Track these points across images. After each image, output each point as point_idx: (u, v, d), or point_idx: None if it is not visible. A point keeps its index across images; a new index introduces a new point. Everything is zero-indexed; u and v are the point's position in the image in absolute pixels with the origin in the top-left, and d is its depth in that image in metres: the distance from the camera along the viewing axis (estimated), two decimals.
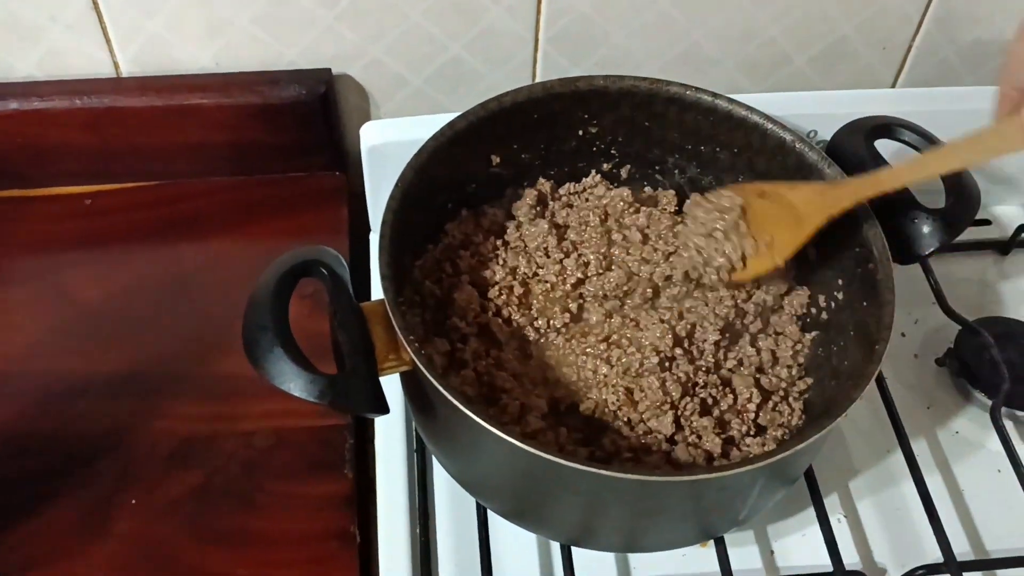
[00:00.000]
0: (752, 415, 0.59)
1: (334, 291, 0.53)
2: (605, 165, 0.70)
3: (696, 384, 0.60)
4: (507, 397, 0.58)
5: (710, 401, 0.59)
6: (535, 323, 0.64)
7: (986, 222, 0.82)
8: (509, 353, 0.61)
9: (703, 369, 0.61)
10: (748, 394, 0.59)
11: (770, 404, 0.60)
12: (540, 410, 0.58)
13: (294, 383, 0.49)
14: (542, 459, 0.48)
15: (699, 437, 0.57)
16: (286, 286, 0.52)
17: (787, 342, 0.64)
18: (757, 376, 0.62)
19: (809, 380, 0.63)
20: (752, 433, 0.59)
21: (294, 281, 0.53)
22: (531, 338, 0.63)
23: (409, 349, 0.52)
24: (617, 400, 0.58)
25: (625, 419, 0.58)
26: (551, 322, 0.64)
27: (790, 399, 0.61)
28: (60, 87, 0.74)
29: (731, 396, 0.60)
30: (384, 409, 0.51)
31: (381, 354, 0.53)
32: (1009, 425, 0.69)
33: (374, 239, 0.78)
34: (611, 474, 0.48)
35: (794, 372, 0.63)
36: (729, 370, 0.62)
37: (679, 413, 0.58)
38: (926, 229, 0.60)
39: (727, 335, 0.63)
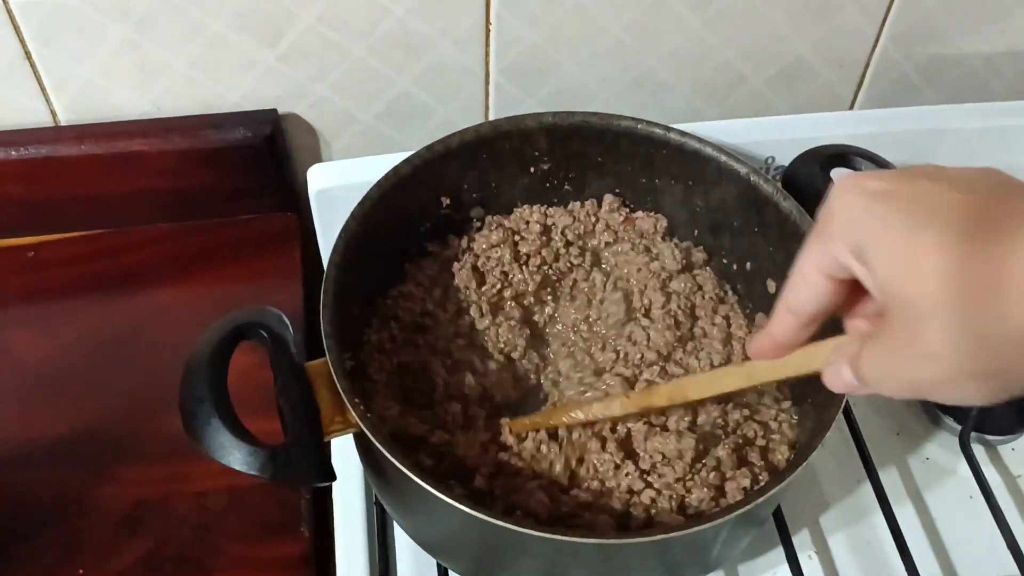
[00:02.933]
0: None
1: (275, 355, 0.51)
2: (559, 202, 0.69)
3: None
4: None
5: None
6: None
7: None
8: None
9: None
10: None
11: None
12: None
13: (233, 456, 0.47)
14: (495, 526, 0.46)
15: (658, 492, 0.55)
16: (223, 353, 0.50)
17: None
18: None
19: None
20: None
21: (232, 346, 0.51)
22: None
23: (355, 414, 0.50)
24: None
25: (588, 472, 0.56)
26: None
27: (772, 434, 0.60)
28: None
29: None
30: (329, 478, 0.49)
31: (327, 417, 0.51)
32: (979, 450, 0.68)
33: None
34: (567, 539, 0.46)
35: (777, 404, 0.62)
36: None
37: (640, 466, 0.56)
38: None
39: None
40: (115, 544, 0.61)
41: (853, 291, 0.41)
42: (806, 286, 0.41)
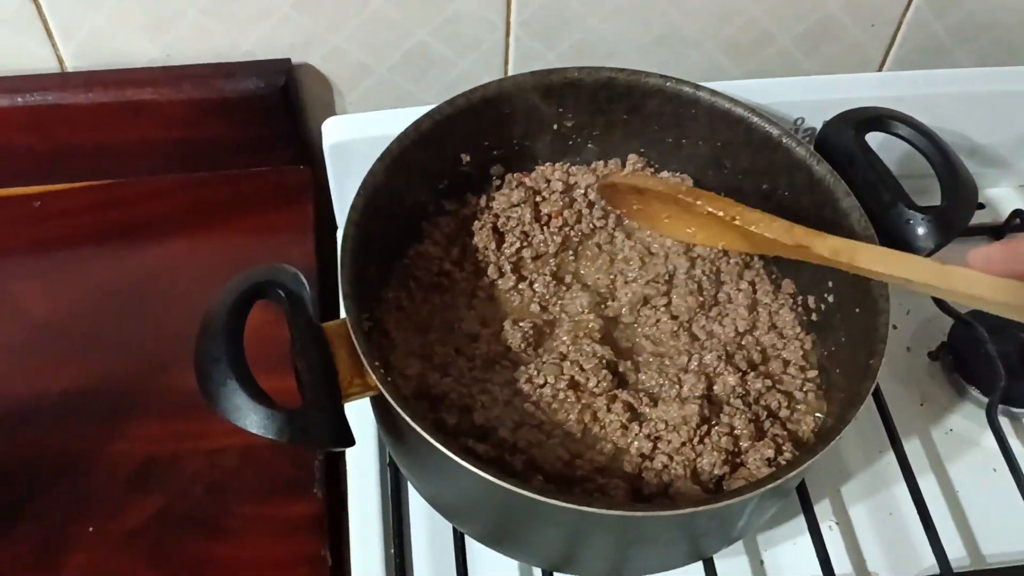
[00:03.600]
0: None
1: (292, 315, 0.49)
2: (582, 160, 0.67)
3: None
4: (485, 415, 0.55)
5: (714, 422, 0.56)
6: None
7: (979, 206, 0.79)
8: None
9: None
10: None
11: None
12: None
13: (250, 419, 0.45)
14: (518, 495, 0.45)
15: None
16: (239, 312, 0.48)
17: (794, 343, 0.61)
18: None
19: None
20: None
21: (248, 305, 0.49)
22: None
23: (375, 376, 0.48)
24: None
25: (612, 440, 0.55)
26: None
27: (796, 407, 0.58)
28: (0, 84, 0.70)
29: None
30: (348, 442, 0.48)
31: (345, 379, 0.50)
32: (1005, 423, 0.67)
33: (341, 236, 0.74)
34: (591, 510, 0.45)
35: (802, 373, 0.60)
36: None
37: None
38: (921, 231, 0.56)
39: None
40: (126, 501, 0.60)
41: None
42: None
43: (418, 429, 0.46)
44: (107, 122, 0.72)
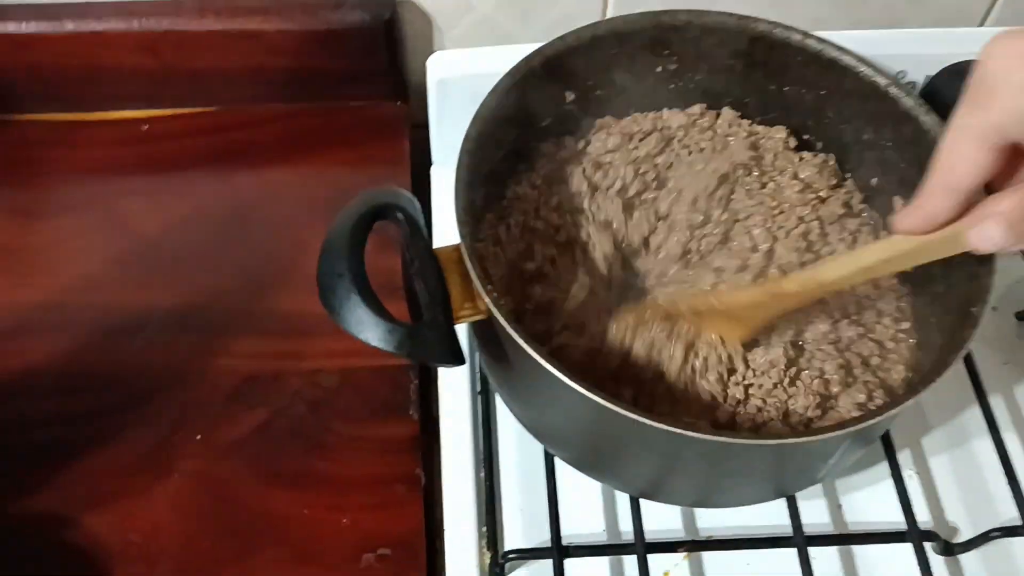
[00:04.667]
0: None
1: (411, 237, 0.51)
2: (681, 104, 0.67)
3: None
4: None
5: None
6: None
7: None
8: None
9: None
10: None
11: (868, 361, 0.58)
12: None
13: (371, 333, 0.47)
14: (624, 417, 0.46)
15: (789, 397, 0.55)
16: (362, 230, 0.50)
17: (889, 295, 0.61)
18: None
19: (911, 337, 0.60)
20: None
21: (370, 224, 0.51)
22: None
23: (488, 299, 0.50)
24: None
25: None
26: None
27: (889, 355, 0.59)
28: (117, 8, 0.72)
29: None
30: (461, 360, 0.50)
31: (457, 302, 0.51)
32: None
33: (437, 172, 0.76)
34: (695, 435, 0.46)
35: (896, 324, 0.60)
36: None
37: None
38: None
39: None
40: (230, 413, 0.63)
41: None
42: (964, 160, 0.40)
43: (530, 351, 0.48)
44: (216, 50, 0.74)
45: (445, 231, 0.70)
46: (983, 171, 0.41)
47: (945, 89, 0.60)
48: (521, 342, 0.48)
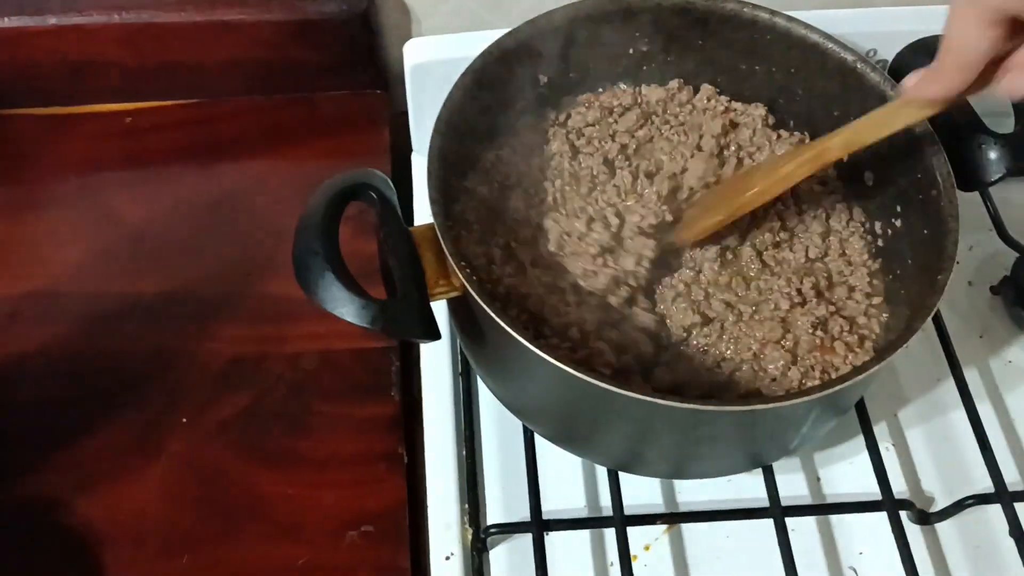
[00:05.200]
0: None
1: (384, 215, 0.52)
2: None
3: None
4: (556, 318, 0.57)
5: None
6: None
7: None
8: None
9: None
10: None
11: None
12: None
13: (346, 308, 0.48)
14: (595, 387, 0.47)
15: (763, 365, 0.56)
16: (336, 209, 0.51)
17: (861, 271, 0.62)
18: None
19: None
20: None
21: (343, 204, 0.52)
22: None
23: (461, 275, 0.51)
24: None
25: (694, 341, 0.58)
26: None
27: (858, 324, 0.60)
28: (99, 2, 0.73)
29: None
30: (435, 335, 0.51)
31: (431, 279, 0.53)
32: None
33: (417, 160, 0.77)
34: (666, 403, 0.47)
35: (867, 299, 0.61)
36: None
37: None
38: (993, 155, 0.57)
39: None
40: (216, 396, 0.64)
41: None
42: (970, 37, 0.43)
43: (506, 327, 0.49)
44: (197, 41, 0.75)
45: (427, 217, 0.71)
46: (988, 45, 0.44)
47: (910, 65, 0.61)
48: (492, 314, 0.49)
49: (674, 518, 0.60)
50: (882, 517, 0.60)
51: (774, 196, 0.60)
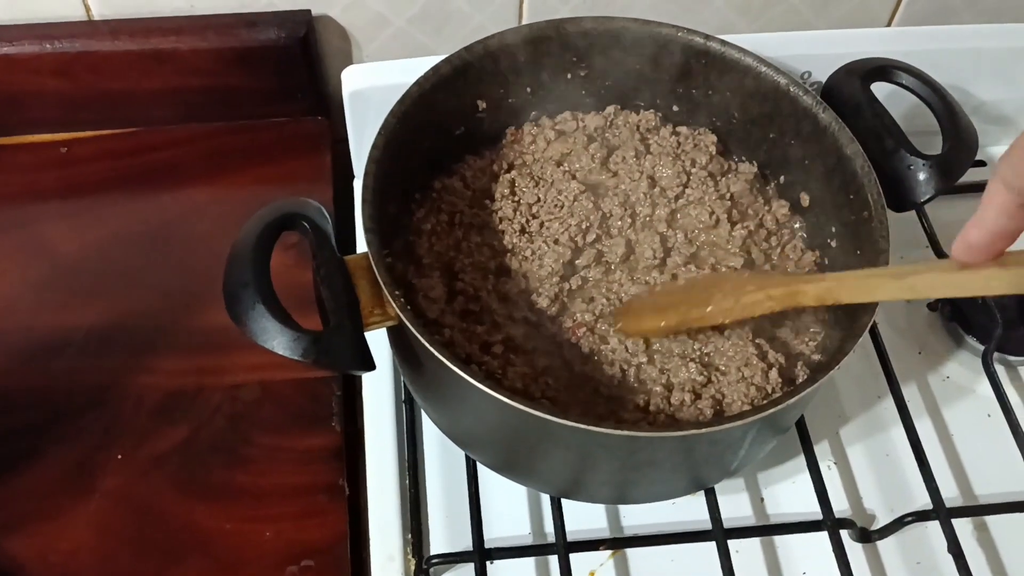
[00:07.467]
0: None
1: (317, 245, 0.51)
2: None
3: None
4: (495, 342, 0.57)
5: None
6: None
7: (981, 163, 0.81)
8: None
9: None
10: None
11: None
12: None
13: (277, 341, 0.48)
14: (531, 416, 0.47)
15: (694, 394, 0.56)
16: (267, 240, 0.51)
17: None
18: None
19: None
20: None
21: (276, 235, 0.51)
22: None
23: (395, 304, 0.50)
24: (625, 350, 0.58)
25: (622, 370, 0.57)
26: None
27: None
28: (29, 31, 0.72)
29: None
30: (370, 366, 0.50)
31: (366, 309, 0.52)
32: (1000, 370, 0.69)
33: (358, 186, 0.77)
34: (601, 430, 0.47)
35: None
36: None
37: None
38: (922, 176, 0.58)
39: None
40: (152, 430, 0.63)
41: None
42: (996, 211, 0.42)
43: (439, 356, 0.48)
44: (132, 70, 0.74)
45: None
46: (1014, 223, 0.43)
47: (840, 86, 0.62)
48: (425, 343, 0.49)
49: (617, 543, 0.60)
50: (824, 536, 0.60)
51: (729, 320, 0.57)
